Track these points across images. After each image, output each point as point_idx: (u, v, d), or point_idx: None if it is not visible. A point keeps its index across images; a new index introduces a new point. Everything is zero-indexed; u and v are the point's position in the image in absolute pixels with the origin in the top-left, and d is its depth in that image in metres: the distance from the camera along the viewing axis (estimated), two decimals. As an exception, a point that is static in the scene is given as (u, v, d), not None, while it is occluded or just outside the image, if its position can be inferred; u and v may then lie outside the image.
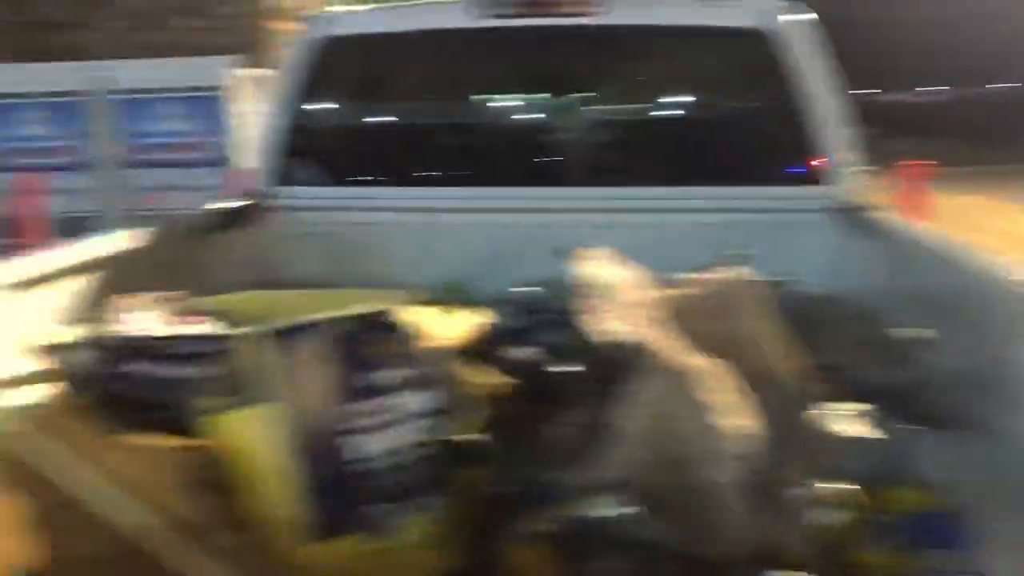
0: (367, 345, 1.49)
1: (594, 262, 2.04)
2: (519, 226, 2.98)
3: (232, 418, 1.45)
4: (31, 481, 1.53)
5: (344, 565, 1.46)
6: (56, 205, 7.03)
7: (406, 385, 1.50)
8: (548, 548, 1.55)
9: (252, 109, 7.45)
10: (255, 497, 1.45)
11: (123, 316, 1.81)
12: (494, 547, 1.57)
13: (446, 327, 1.66)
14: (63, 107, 7.43)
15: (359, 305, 1.57)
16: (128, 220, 7.26)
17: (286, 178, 3.08)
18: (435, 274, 2.77)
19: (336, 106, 3.31)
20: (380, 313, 1.54)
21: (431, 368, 1.53)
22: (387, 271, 2.95)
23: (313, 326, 1.48)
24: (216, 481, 1.44)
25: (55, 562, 1.39)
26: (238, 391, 1.46)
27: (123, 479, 1.49)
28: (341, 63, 3.18)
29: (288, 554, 1.44)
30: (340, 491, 1.45)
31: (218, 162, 7.22)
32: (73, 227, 7.30)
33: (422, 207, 3.06)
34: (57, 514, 1.46)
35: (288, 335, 1.47)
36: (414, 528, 1.51)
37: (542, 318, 2.32)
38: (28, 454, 1.59)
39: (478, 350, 1.78)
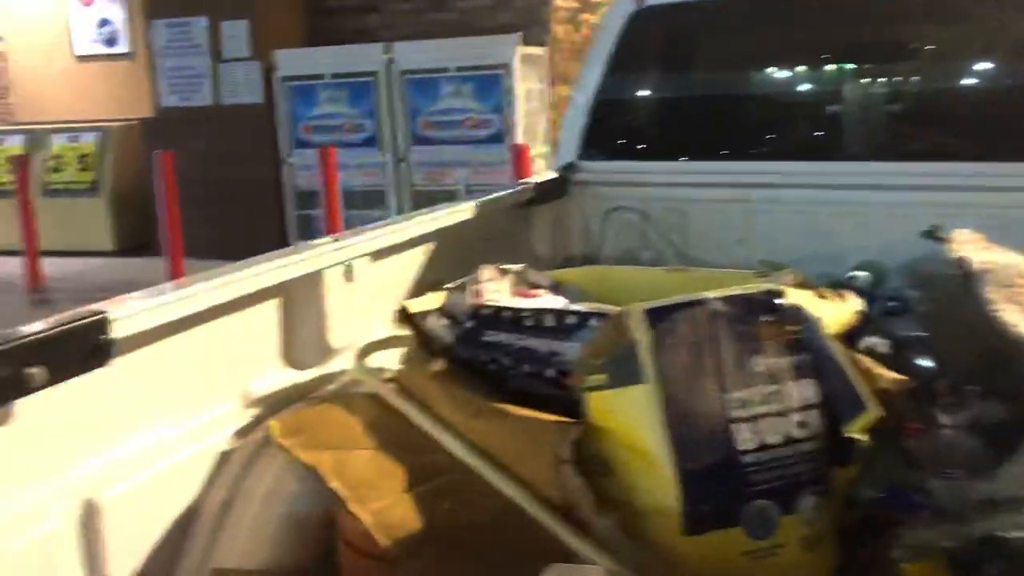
0: (752, 328, 1.38)
1: (971, 244, 1.81)
2: (843, 204, 2.75)
3: (606, 397, 1.40)
4: (400, 443, 1.57)
5: (717, 560, 1.37)
6: (350, 179, 7.54)
7: (791, 374, 1.38)
8: (940, 566, 1.38)
9: (532, 86, 7.58)
10: (629, 481, 1.39)
11: (477, 286, 1.83)
12: (875, 558, 1.43)
13: (825, 313, 1.51)
14: (356, 87, 7.93)
15: (741, 285, 1.46)
16: (413, 195, 7.71)
17: (594, 152, 3.04)
18: (748, 253, 2.62)
19: (645, 78, 3.22)
20: (765, 294, 1.43)
21: (818, 357, 1.40)
22: (698, 248, 2.84)
23: (694, 305, 1.39)
24: (588, 460, 1.39)
25: (431, 526, 1.40)
26: (612, 369, 1.40)
27: (490, 448, 1.50)
28: (651, 33, 3.09)
29: (662, 542, 1.37)
30: (716, 482, 1.36)
31: (499, 138, 7.41)
32: (363, 200, 7.83)
33: (734, 182, 2.91)
34: (430, 478, 1.49)
35: (667, 313, 1.39)
36: (790, 529, 1.39)
37: (894, 306, 2.12)
38: (395, 416, 1.64)
39: (855, 339, 1.62)
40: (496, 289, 1.85)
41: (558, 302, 1.81)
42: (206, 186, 8.17)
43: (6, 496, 1.26)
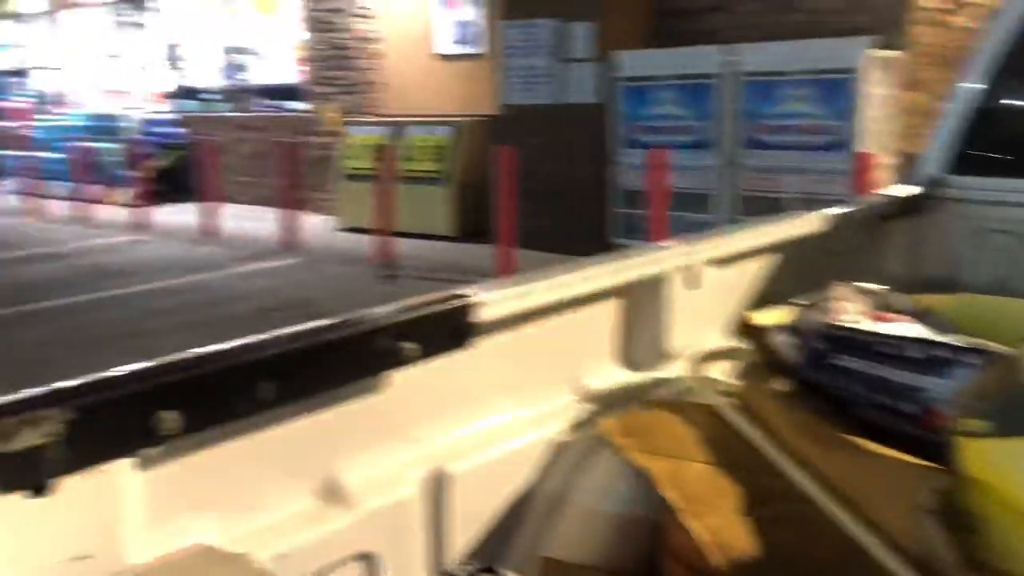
0: None
1: None
2: None
3: (986, 445, 1.24)
4: (736, 461, 1.51)
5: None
6: (676, 180, 7.49)
7: None
8: None
9: (883, 92, 7.06)
10: (1005, 543, 1.22)
11: (829, 304, 1.71)
12: None
13: None
14: (694, 89, 7.86)
15: None
16: (744, 201, 7.51)
17: (970, 166, 2.73)
18: None
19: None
20: None
21: None
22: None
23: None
24: (954, 513, 1.24)
25: (767, 553, 1.33)
26: (998, 416, 1.24)
27: (838, 483, 1.39)
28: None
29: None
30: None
31: (839, 146, 7.00)
32: (687, 203, 7.75)
33: None
34: (768, 503, 1.41)
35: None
36: None
37: None
38: (731, 431, 1.58)
39: None
40: (850, 309, 1.72)
41: (921, 331, 1.65)
42: (538, 180, 8.56)
43: (374, 458, 1.38)
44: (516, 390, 1.63)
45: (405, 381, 1.39)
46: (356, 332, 1.27)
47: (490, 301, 1.46)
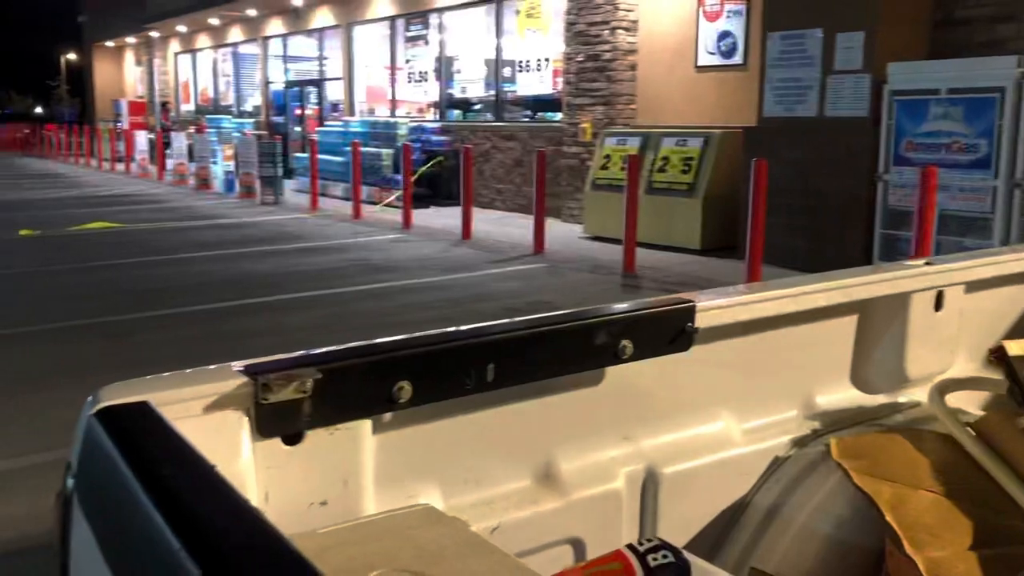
0: None
1: None
2: None
3: None
4: (970, 495, 1.42)
5: None
6: (949, 202, 6.94)
7: None
8: None
9: None
10: None
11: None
12: None
13: None
14: (976, 103, 7.25)
15: None
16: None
17: None
18: None
19: None
20: None
21: None
22: None
23: None
24: None
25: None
26: None
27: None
28: None
29: None
30: None
31: None
32: (961, 227, 7.16)
33: None
34: (1003, 543, 1.31)
35: None
36: None
37: None
38: (969, 464, 1.48)
39: None
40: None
41: None
42: (795, 196, 8.25)
43: (589, 448, 1.44)
44: (737, 399, 1.62)
45: (624, 378, 1.43)
46: (578, 326, 1.33)
47: (716, 308, 1.46)
